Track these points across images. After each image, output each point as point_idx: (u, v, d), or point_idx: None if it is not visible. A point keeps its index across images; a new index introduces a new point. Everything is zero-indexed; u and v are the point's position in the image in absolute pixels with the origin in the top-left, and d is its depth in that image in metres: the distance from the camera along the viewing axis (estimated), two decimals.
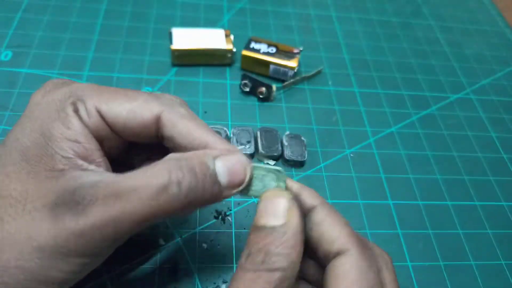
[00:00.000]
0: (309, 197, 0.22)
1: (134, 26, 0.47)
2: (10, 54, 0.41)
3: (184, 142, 0.22)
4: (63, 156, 0.20)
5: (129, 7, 0.49)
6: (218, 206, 0.33)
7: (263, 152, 0.36)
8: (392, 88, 0.47)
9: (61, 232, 0.18)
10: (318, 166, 0.38)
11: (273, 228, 0.19)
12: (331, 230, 0.21)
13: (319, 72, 0.46)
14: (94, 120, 0.21)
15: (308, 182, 0.36)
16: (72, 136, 0.20)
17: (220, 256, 0.30)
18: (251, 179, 0.21)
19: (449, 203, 0.37)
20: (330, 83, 0.46)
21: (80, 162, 0.20)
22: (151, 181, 0.18)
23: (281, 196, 0.20)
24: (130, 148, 0.25)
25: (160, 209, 0.18)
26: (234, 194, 0.21)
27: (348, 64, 0.48)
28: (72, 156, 0.20)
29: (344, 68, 0.48)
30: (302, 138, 0.38)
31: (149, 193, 0.18)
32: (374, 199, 0.36)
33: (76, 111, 0.21)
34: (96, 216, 0.18)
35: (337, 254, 0.20)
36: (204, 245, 0.31)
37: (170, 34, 0.43)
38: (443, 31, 0.56)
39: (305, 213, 0.21)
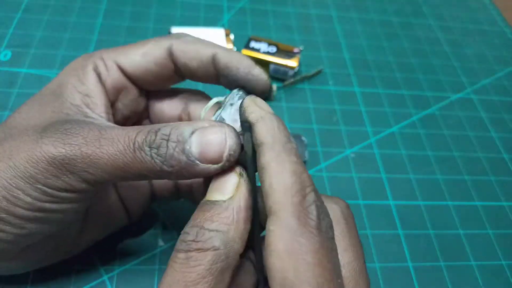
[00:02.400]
0: (261, 133, 0.18)
1: (133, 26, 0.46)
2: (9, 54, 0.41)
3: (196, 65, 0.23)
4: (71, 103, 0.22)
5: (129, 6, 0.49)
6: None
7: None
8: (393, 88, 0.47)
9: (36, 154, 0.19)
10: (319, 166, 0.38)
11: (214, 203, 0.18)
12: (268, 182, 0.17)
13: (319, 72, 0.46)
14: (112, 73, 0.23)
15: None
16: (84, 90, 0.22)
17: None
18: (233, 159, 0.19)
19: (450, 203, 0.37)
20: (330, 82, 0.46)
21: (86, 110, 0.22)
22: (125, 137, 0.19)
23: (231, 172, 0.19)
24: (149, 108, 0.27)
25: (128, 164, 0.18)
26: (215, 172, 0.19)
27: (349, 63, 0.48)
28: (80, 104, 0.22)
29: (344, 68, 0.48)
30: (303, 138, 0.38)
31: (120, 147, 0.18)
32: (375, 199, 0.36)
33: (95, 68, 0.23)
34: (71, 148, 0.19)
35: (269, 215, 0.17)
36: None
37: (169, 34, 0.43)
38: (443, 31, 0.56)
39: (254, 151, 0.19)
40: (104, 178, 0.19)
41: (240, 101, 0.21)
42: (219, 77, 0.23)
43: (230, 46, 0.43)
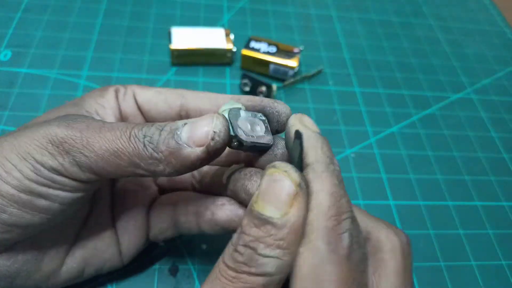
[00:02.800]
0: (305, 151, 0.18)
1: (133, 25, 0.46)
2: (9, 53, 0.41)
3: (208, 106, 0.25)
4: (86, 110, 0.24)
5: (129, 6, 0.49)
6: None
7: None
8: (393, 87, 0.47)
9: (39, 132, 0.19)
10: None
11: (268, 220, 0.16)
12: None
13: (319, 72, 0.46)
14: (128, 99, 0.25)
15: None
16: (101, 101, 0.24)
17: (219, 257, 0.30)
18: (218, 139, 0.19)
19: (450, 203, 0.37)
20: (330, 82, 0.46)
21: (97, 118, 0.24)
22: (124, 126, 0.20)
23: (286, 177, 0.16)
24: None
25: (121, 149, 0.19)
26: (201, 155, 0.19)
27: (349, 63, 0.48)
28: (93, 111, 0.24)
29: (344, 68, 0.48)
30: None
31: (118, 133, 0.19)
32: (375, 199, 0.36)
33: (116, 91, 0.25)
34: (73, 131, 0.19)
35: (303, 237, 0.16)
36: (204, 246, 0.31)
37: (169, 34, 0.43)
38: (443, 31, 0.56)
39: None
40: (99, 164, 0.19)
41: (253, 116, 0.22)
42: None
43: (230, 46, 0.43)
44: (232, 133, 0.20)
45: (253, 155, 0.23)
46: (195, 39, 0.43)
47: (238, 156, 0.24)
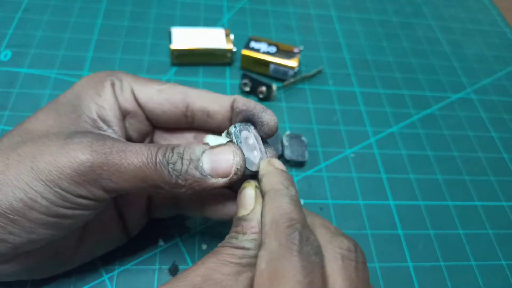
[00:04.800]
0: (263, 184, 0.22)
1: (133, 25, 0.47)
2: (9, 54, 0.41)
3: (217, 108, 0.25)
4: (87, 115, 0.23)
5: (129, 6, 0.49)
6: None
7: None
8: (393, 88, 0.47)
9: (61, 160, 0.19)
10: (319, 166, 0.38)
11: (241, 218, 0.21)
12: (262, 220, 0.21)
13: (319, 72, 0.46)
14: (126, 95, 0.24)
15: (308, 182, 0.36)
16: (100, 102, 0.23)
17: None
18: (239, 173, 0.22)
19: (450, 203, 0.37)
20: (330, 82, 0.46)
21: (101, 124, 0.23)
22: (148, 152, 0.21)
23: (249, 186, 0.22)
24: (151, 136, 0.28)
25: (148, 176, 0.20)
26: (223, 184, 0.22)
27: (349, 63, 0.48)
28: (95, 117, 0.23)
29: (344, 68, 0.48)
30: (303, 138, 0.38)
31: (144, 159, 0.20)
32: (375, 199, 0.36)
33: (112, 85, 0.24)
34: (98, 156, 0.20)
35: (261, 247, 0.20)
36: (204, 246, 0.31)
37: (169, 34, 0.43)
38: (443, 31, 0.56)
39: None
40: (124, 187, 0.20)
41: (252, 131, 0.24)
42: (220, 126, 0.26)
43: (230, 46, 0.43)
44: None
45: None
46: (195, 39, 0.43)
47: None
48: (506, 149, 0.43)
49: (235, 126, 0.23)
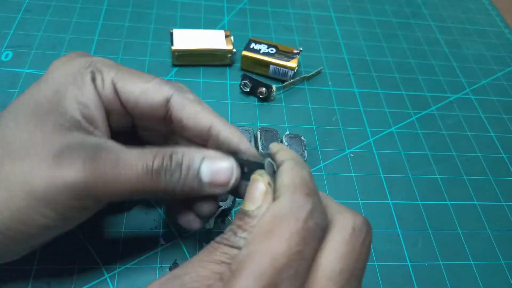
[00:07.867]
0: (281, 156, 0.21)
1: (134, 26, 0.47)
2: (10, 54, 0.41)
3: (191, 124, 0.23)
4: (71, 116, 0.21)
5: (130, 7, 0.49)
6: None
7: (263, 152, 0.36)
8: (392, 88, 0.47)
9: (56, 181, 0.19)
10: (318, 166, 0.38)
11: (246, 212, 0.20)
12: (281, 180, 0.20)
13: (318, 72, 0.46)
14: (108, 91, 0.23)
15: None
16: (83, 100, 0.22)
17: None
18: (236, 183, 0.22)
19: (448, 203, 0.38)
20: (329, 83, 0.46)
21: (86, 125, 0.22)
22: (143, 163, 0.20)
23: (260, 179, 0.21)
24: (136, 127, 0.26)
25: (145, 187, 0.20)
26: (222, 193, 0.22)
27: (348, 64, 0.49)
28: (79, 118, 0.21)
29: (343, 68, 0.48)
30: (302, 138, 0.38)
31: (139, 171, 0.20)
32: (374, 198, 0.36)
33: (93, 79, 0.22)
34: (92, 173, 0.19)
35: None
36: (205, 245, 0.31)
37: (170, 35, 0.43)
38: (442, 31, 0.57)
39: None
40: (119, 198, 0.20)
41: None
42: (207, 141, 0.24)
43: (230, 47, 0.43)
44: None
45: None
46: (196, 40, 0.43)
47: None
48: (505, 149, 0.43)
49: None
